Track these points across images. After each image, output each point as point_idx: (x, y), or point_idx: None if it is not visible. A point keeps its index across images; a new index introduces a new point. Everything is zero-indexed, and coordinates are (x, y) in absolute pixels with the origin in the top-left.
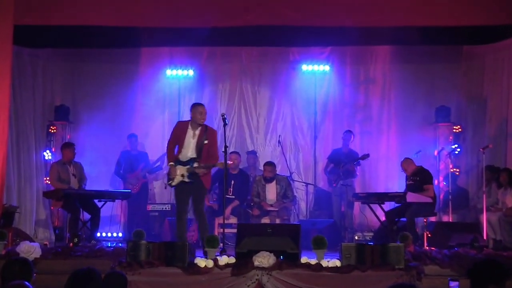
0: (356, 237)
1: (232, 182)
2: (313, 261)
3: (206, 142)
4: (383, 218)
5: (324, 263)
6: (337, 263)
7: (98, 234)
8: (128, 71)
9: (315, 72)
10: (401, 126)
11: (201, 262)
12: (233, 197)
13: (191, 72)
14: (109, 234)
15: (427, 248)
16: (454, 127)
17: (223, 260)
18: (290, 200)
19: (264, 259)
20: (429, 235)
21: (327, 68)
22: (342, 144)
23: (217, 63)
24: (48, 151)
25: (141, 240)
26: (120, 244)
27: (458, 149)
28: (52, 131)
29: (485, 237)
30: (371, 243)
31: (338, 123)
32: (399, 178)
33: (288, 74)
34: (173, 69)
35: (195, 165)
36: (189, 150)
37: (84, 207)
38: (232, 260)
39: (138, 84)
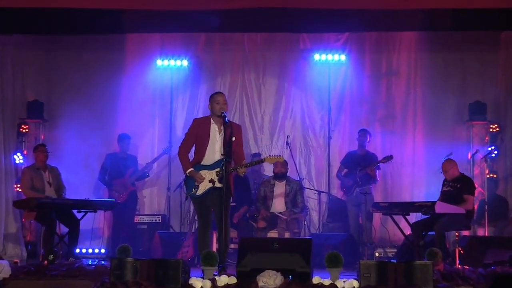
0: (377, 254)
1: None
2: (326, 282)
3: (234, 139)
4: (408, 232)
5: (340, 283)
6: (355, 283)
7: (78, 250)
8: (112, 61)
9: (329, 62)
10: (429, 124)
11: (197, 282)
12: (234, 204)
13: (185, 63)
14: (90, 250)
15: (459, 266)
16: (491, 125)
17: (222, 280)
18: (300, 210)
19: (270, 279)
20: (462, 251)
21: (343, 57)
22: (357, 146)
23: (215, 52)
24: (19, 154)
25: (127, 257)
26: (102, 262)
27: (495, 152)
28: (24, 130)
29: None
30: (394, 261)
31: (356, 121)
32: (426, 184)
33: (298, 64)
34: (164, 59)
35: (235, 165)
36: (216, 149)
37: (61, 219)
38: (232, 280)
39: (124, 76)
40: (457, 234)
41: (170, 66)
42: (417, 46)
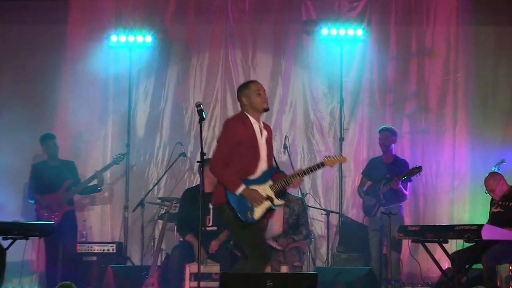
0: None
1: (210, 206)
2: None
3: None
4: (446, 265)
5: None
6: None
7: None
8: (50, 37)
9: (342, 39)
10: (474, 123)
11: None
12: (215, 228)
13: (148, 39)
14: None
15: None
16: None
17: None
18: (304, 237)
19: None
20: None
21: (359, 32)
22: (381, 150)
23: (189, 24)
24: None
25: None
26: None
27: None
28: None
29: None
30: None
31: (377, 118)
32: (471, 202)
33: (299, 41)
34: (121, 34)
35: (297, 174)
36: (262, 156)
37: None
38: None
39: (66, 57)
40: (511, 268)
41: (128, 43)
42: (460, 16)
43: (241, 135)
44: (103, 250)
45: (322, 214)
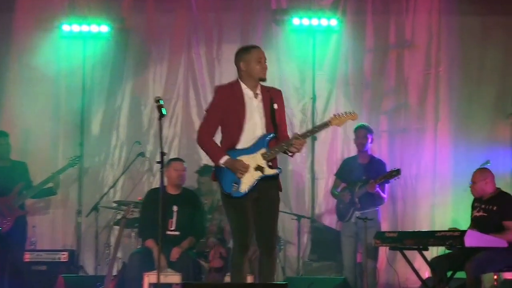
0: None
1: (175, 209)
2: None
3: (276, 107)
4: (426, 274)
5: None
6: None
7: None
8: None
9: (314, 29)
10: (457, 120)
11: None
12: (177, 233)
13: (104, 29)
14: None
15: None
16: None
17: None
18: None
19: None
20: None
21: (333, 22)
22: (357, 150)
23: (148, 13)
24: None
25: None
26: None
27: None
28: None
29: None
30: None
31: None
32: (454, 207)
33: (268, 31)
34: (73, 23)
35: (294, 137)
36: (255, 123)
37: None
38: None
39: (12, 48)
40: (495, 277)
41: (82, 33)
42: (442, 4)
43: (226, 102)
44: (54, 258)
45: (292, 219)
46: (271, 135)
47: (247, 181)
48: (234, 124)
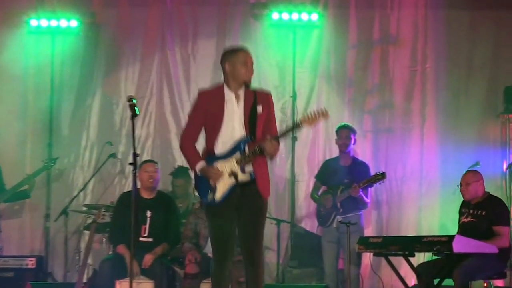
0: None
1: (148, 214)
2: None
3: (260, 110)
4: (412, 281)
5: None
6: None
7: None
8: None
9: (294, 24)
10: (444, 120)
11: None
12: (151, 240)
13: (74, 23)
14: None
15: None
16: None
17: None
18: None
19: None
20: None
21: (314, 17)
22: (339, 151)
23: (120, 7)
24: None
25: None
26: None
27: None
28: None
29: None
30: None
31: (335, 114)
32: (441, 211)
33: (246, 26)
34: (41, 18)
35: (266, 141)
36: (234, 127)
37: None
38: None
39: None
40: (485, 284)
41: (50, 28)
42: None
43: (206, 106)
44: (21, 265)
45: (272, 224)
46: (247, 140)
47: (221, 189)
48: (212, 128)
